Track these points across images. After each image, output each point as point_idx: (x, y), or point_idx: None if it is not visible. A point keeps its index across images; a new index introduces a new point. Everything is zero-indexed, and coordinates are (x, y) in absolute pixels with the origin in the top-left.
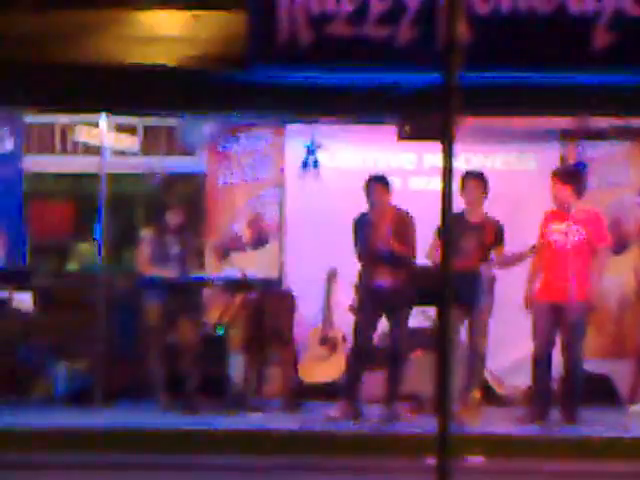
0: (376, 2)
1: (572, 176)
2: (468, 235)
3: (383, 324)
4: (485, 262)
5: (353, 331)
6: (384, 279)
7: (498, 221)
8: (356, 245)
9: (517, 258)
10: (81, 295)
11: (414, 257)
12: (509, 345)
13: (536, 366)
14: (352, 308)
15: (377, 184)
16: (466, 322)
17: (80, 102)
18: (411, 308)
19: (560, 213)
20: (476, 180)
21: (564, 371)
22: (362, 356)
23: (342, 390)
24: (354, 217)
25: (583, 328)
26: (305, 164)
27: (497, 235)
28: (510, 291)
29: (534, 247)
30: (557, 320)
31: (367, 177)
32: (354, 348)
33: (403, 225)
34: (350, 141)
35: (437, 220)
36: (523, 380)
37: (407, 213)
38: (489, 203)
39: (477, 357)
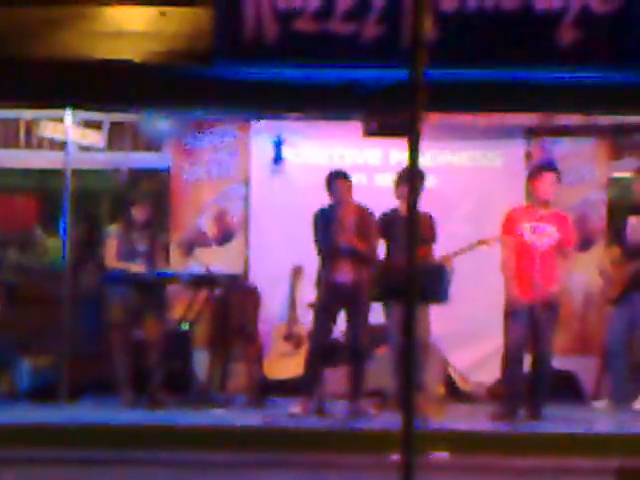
0: None
1: (558, 172)
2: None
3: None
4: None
5: (312, 327)
6: (345, 275)
7: (431, 216)
8: (316, 240)
9: (462, 251)
10: (46, 291)
11: (375, 254)
12: (473, 342)
13: (510, 366)
14: (311, 305)
15: (341, 180)
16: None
17: (45, 97)
18: (369, 304)
19: (532, 211)
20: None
21: (532, 369)
22: (321, 353)
23: (302, 386)
24: (314, 212)
25: (553, 327)
26: (276, 160)
27: (430, 228)
28: (473, 288)
29: (481, 241)
30: (529, 319)
31: (329, 173)
32: (313, 345)
33: (365, 222)
34: (316, 137)
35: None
36: (488, 376)
37: (368, 210)
38: (456, 200)
39: (423, 348)
